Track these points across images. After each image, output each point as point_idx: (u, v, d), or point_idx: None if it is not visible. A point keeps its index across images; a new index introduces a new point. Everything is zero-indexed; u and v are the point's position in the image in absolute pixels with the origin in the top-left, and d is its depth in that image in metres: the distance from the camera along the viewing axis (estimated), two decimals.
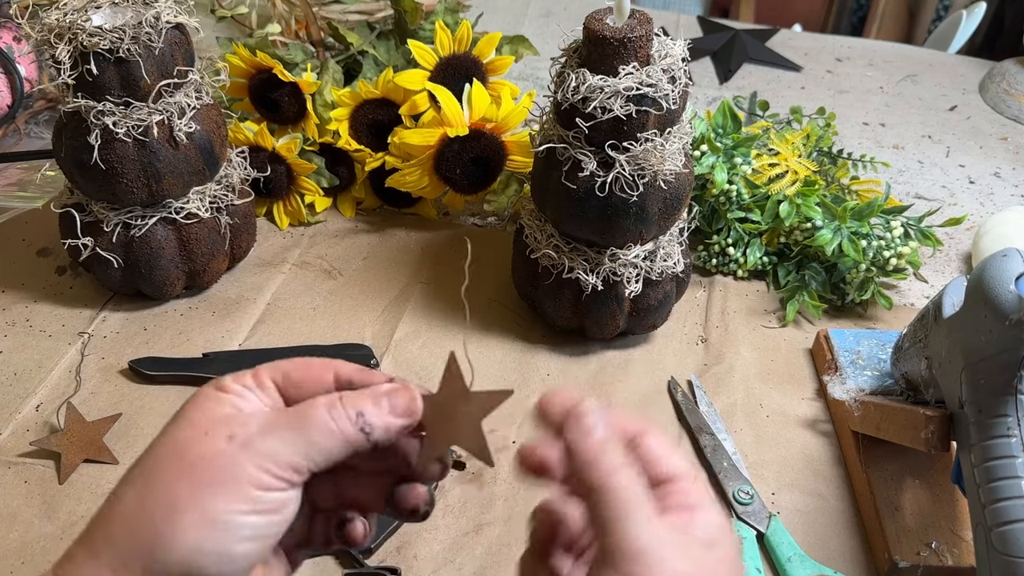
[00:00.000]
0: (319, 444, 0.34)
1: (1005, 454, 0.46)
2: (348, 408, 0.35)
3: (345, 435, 0.34)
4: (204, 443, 0.33)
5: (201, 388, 0.36)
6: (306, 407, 0.35)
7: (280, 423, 0.34)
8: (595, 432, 0.35)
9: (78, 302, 0.71)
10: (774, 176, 0.76)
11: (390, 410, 0.36)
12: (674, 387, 0.66)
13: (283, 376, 0.37)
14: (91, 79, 0.59)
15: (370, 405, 0.35)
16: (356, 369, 0.38)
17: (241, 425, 0.34)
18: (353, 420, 0.35)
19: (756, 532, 0.55)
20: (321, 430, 0.34)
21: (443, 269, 0.76)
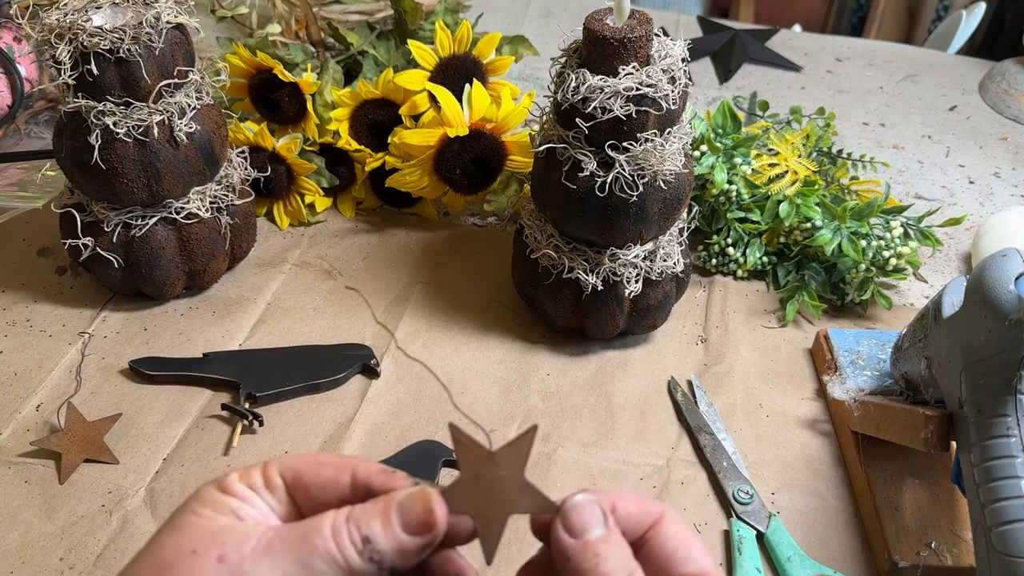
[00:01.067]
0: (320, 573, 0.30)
1: (1005, 454, 0.46)
2: (353, 531, 0.30)
3: (351, 564, 0.30)
4: (191, 564, 0.29)
5: (203, 487, 0.32)
6: (312, 527, 0.30)
7: (280, 546, 0.30)
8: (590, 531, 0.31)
9: (78, 302, 0.71)
10: (774, 176, 0.76)
11: (403, 527, 0.31)
12: (674, 387, 0.66)
13: (294, 476, 0.33)
14: (91, 79, 0.59)
15: (379, 527, 0.30)
16: (377, 471, 0.33)
17: (235, 546, 0.30)
18: (360, 548, 0.30)
19: (756, 532, 0.55)
20: (324, 559, 0.30)
21: (443, 269, 0.76)
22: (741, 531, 0.55)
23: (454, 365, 0.67)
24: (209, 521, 0.30)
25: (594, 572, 0.30)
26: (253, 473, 0.32)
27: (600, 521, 0.31)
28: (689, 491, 0.58)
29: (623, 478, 0.59)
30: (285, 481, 0.32)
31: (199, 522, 0.31)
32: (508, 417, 0.63)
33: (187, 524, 0.31)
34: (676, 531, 0.32)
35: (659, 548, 0.31)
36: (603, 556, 0.30)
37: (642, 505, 0.32)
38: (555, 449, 0.61)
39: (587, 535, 0.30)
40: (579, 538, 0.30)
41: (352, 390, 0.64)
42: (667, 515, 0.32)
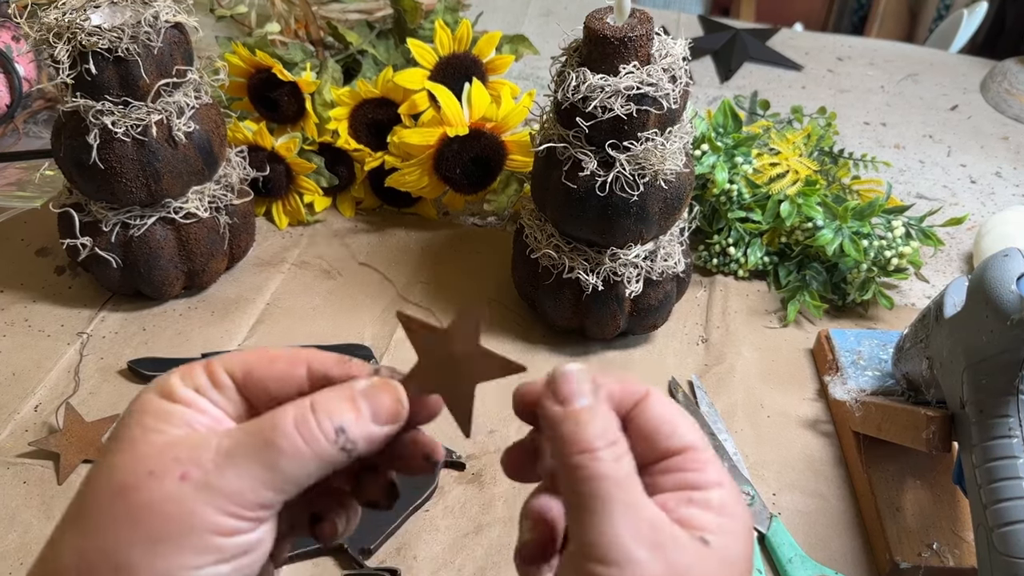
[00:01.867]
0: (291, 473, 0.28)
1: (1007, 454, 0.45)
2: (324, 422, 0.29)
3: (322, 457, 0.29)
4: (151, 486, 0.27)
5: (142, 393, 0.30)
6: (271, 426, 0.28)
7: (241, 451, 0.28)
8: (576, 400, 0.30)
9: (77, 302, 0.70)
10: (775, 176, 0.75)
11: (372, 417, 0.30)
12: (675, 387, 0.66)
13: (244, 372, 0.31)
14: (90, 78, 0.59)
15: (350, 415, 0.29)
16: (334, 361, 0.32)
17: (194, 460, 0.28)
18: (332, 439, 0.29)
19: (757, 533, 0.55)
20: (293, 456, 0.28)
21: (443, 269, 0.76)
22: None
23: None
24: (159, 435, 0.28)
25: (575, 437, 0.29)
26: (196, 372, 0.30)
27: (588, 391, 0.30)
28: None
29: None
30: (234, 379, 0.31)
31: (149, 437, 0.28)
32: (508, 417, 0.63)
33: (137, 440, 0.28)
34: (661, 409, 0.31)
35: (644, 425, 0.31)
36: (584, 423, 0.29)
37: (626, 385, 0.32)
38: None
39: (573, 403, 0.30)
40: (565, 406, 0.30)
41: None
42: (652, 394, 0.32)
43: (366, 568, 0.52)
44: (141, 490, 0.27)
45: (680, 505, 0.29)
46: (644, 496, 0.29)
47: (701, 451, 0.31)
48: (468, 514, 0.56)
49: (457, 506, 0.57)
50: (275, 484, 0.28)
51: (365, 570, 0.52)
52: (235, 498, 0.27)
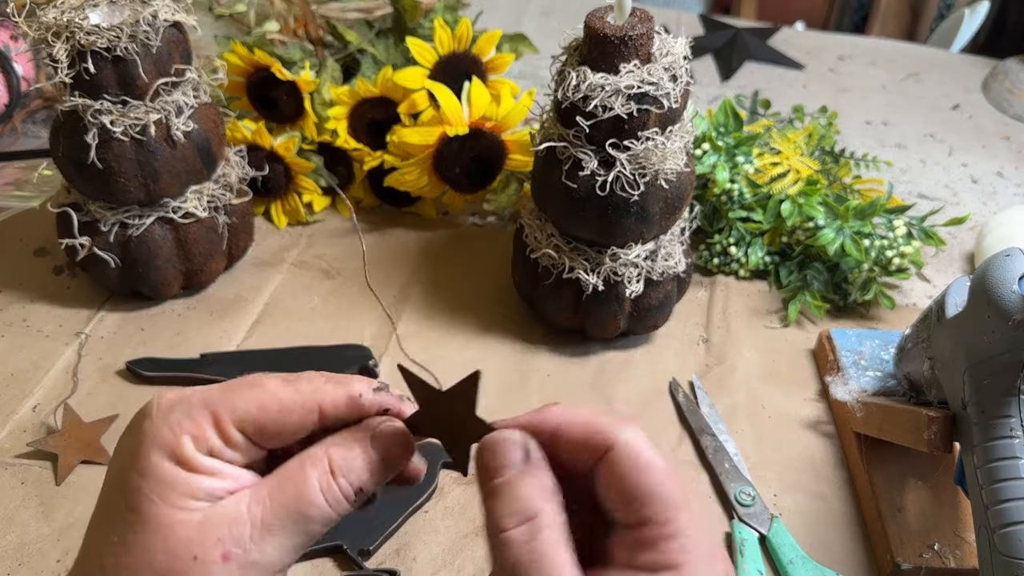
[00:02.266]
0: (317, 532, 0.30)
1: (1008, 455, 0.45)
2: (345, 487, 0.30)
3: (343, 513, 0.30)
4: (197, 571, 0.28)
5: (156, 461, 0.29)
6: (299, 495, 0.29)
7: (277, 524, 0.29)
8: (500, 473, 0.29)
9: (75, 302, 0.70)
10: (776, 175, 0.75)
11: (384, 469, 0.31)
12: (675, 388, 0.65)
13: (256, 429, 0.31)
14: (88, 78, 0.59)
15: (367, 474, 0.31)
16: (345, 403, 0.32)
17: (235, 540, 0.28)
18: (353, 499, 0.30)
19: (758, 534, 0.55)
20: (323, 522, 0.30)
21: (443, 269, 0.76)
22: (743, 533, 0.55)
23: (454, 365, 0.66)
24: (192, 514, 0.28)
25: (491, 518, 0.28)
26: (208, 434, 0.30)
27: (516, 460, 0.29)
28: (691, 493, 0.58)
29: None
30: (246, 434, 0.30)
31: (179, 516, 0.28)
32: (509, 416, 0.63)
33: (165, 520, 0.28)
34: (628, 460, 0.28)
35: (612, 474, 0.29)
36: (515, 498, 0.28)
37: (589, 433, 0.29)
38: None
39: (502, 475, 0.29)
40: (492, 480, 0.29)
41: None
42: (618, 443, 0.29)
43: (365, 569, 0.52)
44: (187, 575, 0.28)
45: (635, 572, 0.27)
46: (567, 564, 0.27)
47: (661, 525, 0.28)
48: (468, 515, 0.56)
49: (457, 507, 0.56)
50: (306, 546, 0.30)
51: (364, 571, 0.52)
52: (273, 567, 0.29)
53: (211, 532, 0.28)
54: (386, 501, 0.55)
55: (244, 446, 0.31)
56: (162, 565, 0.28)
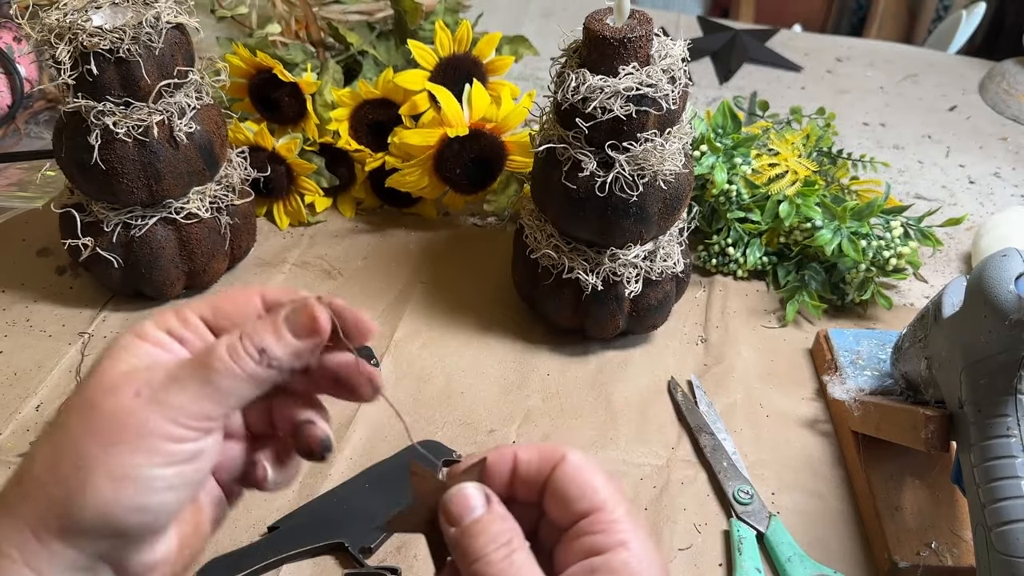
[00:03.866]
0: (227, 389, 0.33)
1: (1005, 454, 0.46)
2: (247, 345, 0.34)
3: (252, 375, 0.33)
4: (110, 400, 0.32)
5: (122, 335, 0.35)
6: (208, 352, 0.34)
7: (184, 373, 0.33)
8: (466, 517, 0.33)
9: (78, 302, 0.71)
10: (774, 176, 0.76)
11: (293, 335, 0.34)
12: (674, 387, 0.66)
13: (213, 311, 0.36)
14: (91, 79, 0.59)
15: (270, 337, 0.34)
16: (283, 290, 0.37)
17: (147, 381, 0.33)
18: (257, 359, 0.34)
19: (756, 532, 0.55)
20: (226, 375, 0.33)
21: (443, 269, 0.76)
22: (741, 531, 0.55)
23: (454, 365, 0.67)
24: (124, 364, 0.33)
25: (470, 550, 0.32)
26: (168, 316, 0.35)
27: (478, 504, 0.33)
28: (689, 491, 0.58)
29: (623, 478, 0.59)
30: (203, 317, 0.35)
31: (116, 366, 0.33)
32: (508, 417, 0.63)
33: (105, 369, 0.33)
34: (572, 473, 0.33)
35: (557, 489, 0.33)
36: (478, 535, 0.32)
37: (543, 452, 0.34)
38: None
39: (464, 521, 0.33)
40: (458, 526, 0.32)
41: None
42: (566, 458, 0.33)
43: (367, 567, 0.52)
44: (103, 404, 0.32)
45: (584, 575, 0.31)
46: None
47: (607, 512, 0.32)
48: None
49: None
50: (213, 397, 0.33)
51: (366, 569, 0.52)
52: (180, 410, 0.32)
53: (131, 376, 0.33)
54: (387, 500, 0.55)
55: (201, 328, 0.35)
56: (85, 397, 0.33)
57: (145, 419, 0.32)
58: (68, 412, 0.33)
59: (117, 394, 0.32)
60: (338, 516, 0.55)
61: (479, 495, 0.33)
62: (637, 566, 0.31)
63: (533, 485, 0.34)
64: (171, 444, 0.32)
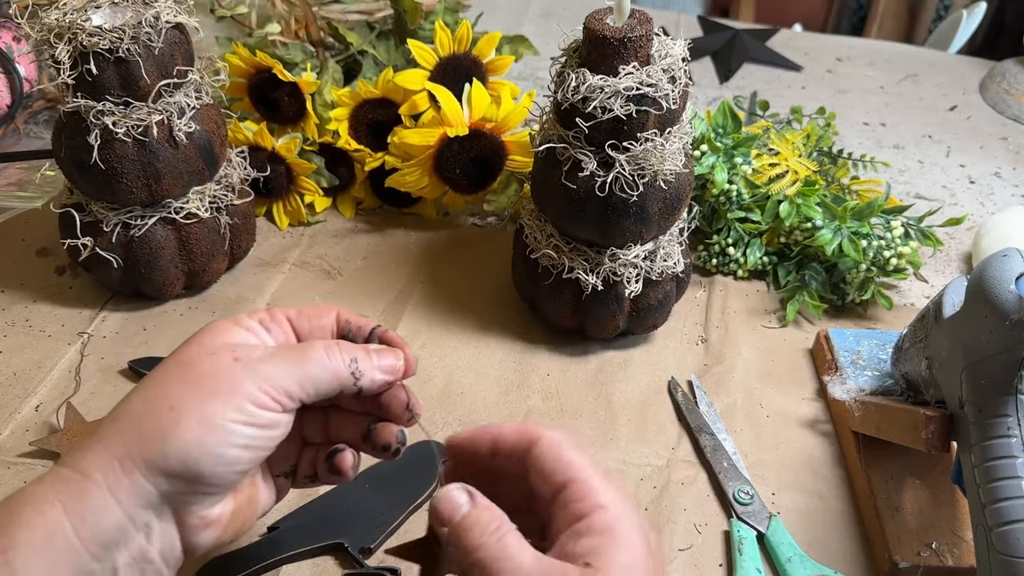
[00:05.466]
0: (314, 376, 0.39)
1: (1005, 454, 0.46)
2: (344, 352, 0.40)
3: (338, 374, 0.39)
4: (210, 360, 0.38)
5: (216, 321, 0.40)
6: (307, 345, 0.40)
7: (282, 354, 0.39)
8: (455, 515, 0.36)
9: (78, 302, 0.71)
10: (774, 176, 0.76)
11: (378, 366, 0.41)
12: (674, 387, 0.66)
13: (297, 313, 0.42)
14: (91, 79, 0.59)
15: (362, 355, 0.41)
16: (356, 316, 0.44)
17: (246, 350, 0.38)
18: (347, 363, 0.40)
19: (756, 532, 0.55)
20: (318, 365, 0.39)
21: (443, 269, 0.76)
22: (741, 531, 0.55)
23: (454, 365, 0.67)
24: (223, 336, 0.39)
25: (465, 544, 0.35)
26: (260, 312, 0.42)
27: (463, 502, 0.36)
28: (689, 491, 0.58)
29: (623, 478, 0.59)
30: (289, 318, 0.42)
31: (215, 337, 0.39)
32: (508, 417, 0.63)
33: (204, 339, 0.39)
34: (549, 449, 0.37)
35: (536, 464, 0.37)
36: (469, 528, 0.35)
37: (521, 432, 0.38)
38: None
39: (454, 518, 0.36)
40: (450, 524, 0.36)
41: None
42: (543, 437, 0.37)
43: (367, 567, 0.52)
44: (203, 362, 0.38)
45: (570, 540, 0.34)
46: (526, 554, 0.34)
47: (583, 481, 0.35)
48: None
49: None
50: (300, 381, 0.38)
51: (366, 569, 0.52)
52: (270, 380, 0.38)
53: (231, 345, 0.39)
54: (387, 500, 0.55)
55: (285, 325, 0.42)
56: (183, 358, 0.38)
57: (239, 380, 0.37)
58: (167, 366, 0.38)
59: (217, 357, 0.38)
60: (338, 516, 0.55)
61: (462, 494, 0.36)
62: (615, 523, 0.34)
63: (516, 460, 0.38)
64: (256, 408, 0.37)
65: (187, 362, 0.38)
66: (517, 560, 0.34)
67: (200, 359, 0.38)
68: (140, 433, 0.36)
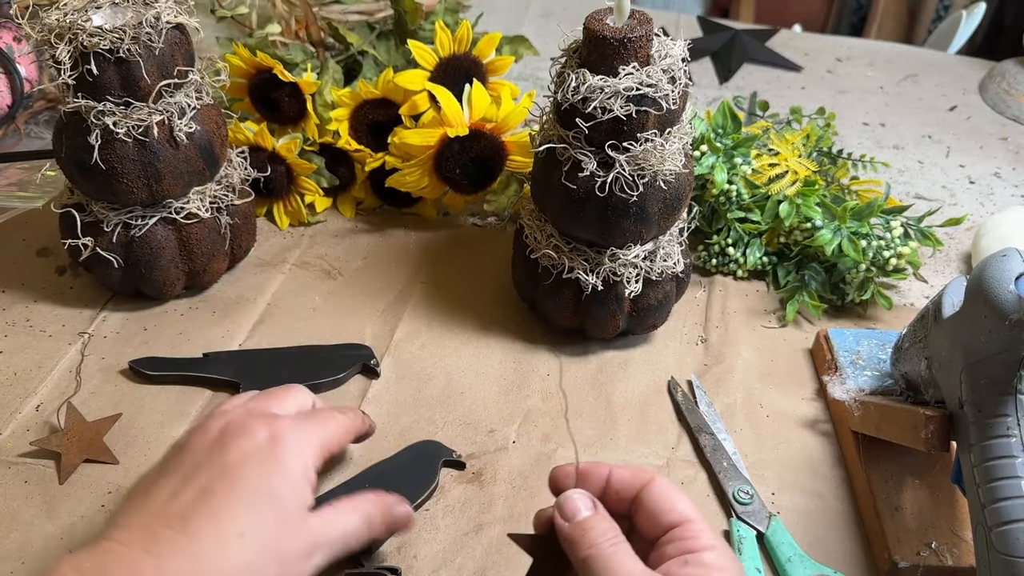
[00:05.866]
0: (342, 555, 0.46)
1: (1005, 454, 0.46)
2: (370, 534, 0.47)
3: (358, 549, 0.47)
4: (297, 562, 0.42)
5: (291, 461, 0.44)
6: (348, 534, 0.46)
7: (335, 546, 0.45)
8: (578, 515, 0.40)
9: (78, 302, 0.71)
10: (774, 176, 0.76)
11: (391, 530, 0.50)
12: (674, 387, 0.66)
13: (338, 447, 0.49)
14: (91, 79, 0.59)
15: (382, 532, 0.48)
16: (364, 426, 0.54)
17: (316, 547, 0.43)
18: (367, 542, 0.47)
19: (756, 532, 0.55)
20: (350, 549, 0.46)
21: (443, 269, 0.76)
22: (741, 531, 0.55)
23: (454, 365, 0.67)
24: (304, 518, 0.43)
25: (582, 540, 0.38)
26: (320, 460, 0.46)
27: (587, 506, 0.40)
28: (689, 491, 0.58)
29: None
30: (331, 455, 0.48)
31: (299, 518, 0.43)
32: (508, 417, 0.63)
33: (292, 517, 0.42)
34: (662, 491, 0.40)
35: (648, 505, 0.40)
36: (589, 528, 0.39)
37: (635, 472, 0.41)
38: (555, 449, 0.61)
39: (577, 518, 0.39)
40: (571, 521, 0.39)
41: (352, 390, 0.64)
42: (655, 479, 0.40)
43: (367, 566, 0.52)
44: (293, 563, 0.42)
45: (678, 567, 0.37)
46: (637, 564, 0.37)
47: (696, 523, 0.39)
48: (468, 513, 0.56)
49: (457, 505, 0.57)
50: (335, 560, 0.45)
51: (366, 569, 0.52)
52: (318, 569, 0.43)
53: (310, 537, 0.43)
54: None
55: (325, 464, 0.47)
56: (283, 550, 0.41)
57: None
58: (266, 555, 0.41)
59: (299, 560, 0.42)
60: None
61: (586, 499, 0.40)
62: (721, 562, 0.37)
63: (624, 499, 0.41)
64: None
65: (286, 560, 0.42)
66: (629, 566, 0.37)
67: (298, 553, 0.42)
68: None
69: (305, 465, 0.44)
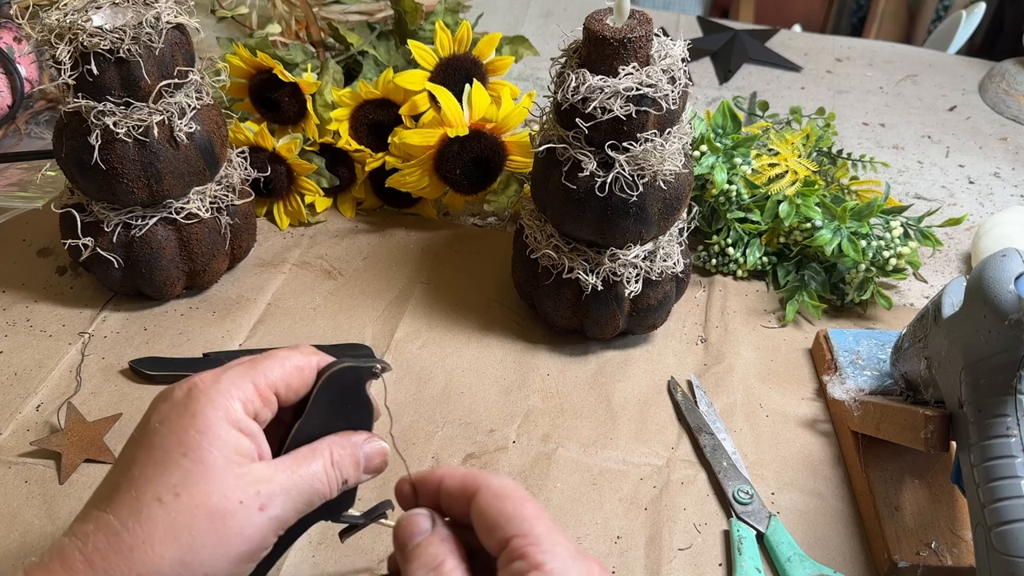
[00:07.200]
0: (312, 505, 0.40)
1: (1004, 454, 0.46)
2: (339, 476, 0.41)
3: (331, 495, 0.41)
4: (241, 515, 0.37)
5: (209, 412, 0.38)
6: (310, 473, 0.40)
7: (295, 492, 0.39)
8: (409, 543, 0.38)
9: (78, 302, 0.71)
10: (774, 176, 0.76)
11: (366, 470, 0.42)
12: (674, 387, 0.66)
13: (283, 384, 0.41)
14: (91, 79, 0.59)
15: (353, 472, 0.42)
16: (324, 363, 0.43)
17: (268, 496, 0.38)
18: (340, 485, 0.41)
19: (756, 532, 0.55)
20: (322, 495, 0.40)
21: (443, 269, 0.76)
22: (741, 531, 0.55)
23: (454, 365, 0.67)
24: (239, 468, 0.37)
25: (408, 571, 0.37)
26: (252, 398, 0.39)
27: (422, 529, 0.38)
28: (689, 491, 0.59)
29: (623, 478, 0.59)
30: (278, 394, 0.40)
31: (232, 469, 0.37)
32: (508, 417, 0.63)
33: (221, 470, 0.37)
34: (488, 503, 0.37)
35: (477, 519, 0.37)
36: (414, 559, 0.37)
37: (464, 481, 0.38)
38: (555, 449, 0.61)
39: (409, 545, 0.38)
40: (402, 552, 0.38)
41: None
42: (481, 488, 0.37)
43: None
44: (235, 517, 0.36)
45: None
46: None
47: (523, 536, 0.35)
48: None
49: None
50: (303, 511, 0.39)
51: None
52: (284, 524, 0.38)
53: (253, 486, 0.37)
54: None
55: (274, 406, 0.40)
56: (216, 504, 0.36)
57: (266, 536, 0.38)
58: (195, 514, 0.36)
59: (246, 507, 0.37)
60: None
61: (425, 520, 0.38)
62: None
63: (461, 512, 0.38)
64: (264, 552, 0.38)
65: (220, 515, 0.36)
66: None
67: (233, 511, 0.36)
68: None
69: (228, 412, 0.38)
